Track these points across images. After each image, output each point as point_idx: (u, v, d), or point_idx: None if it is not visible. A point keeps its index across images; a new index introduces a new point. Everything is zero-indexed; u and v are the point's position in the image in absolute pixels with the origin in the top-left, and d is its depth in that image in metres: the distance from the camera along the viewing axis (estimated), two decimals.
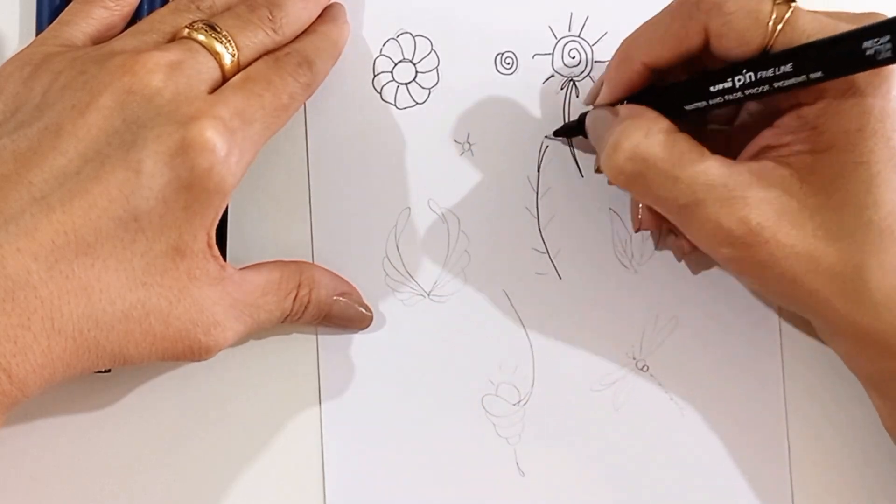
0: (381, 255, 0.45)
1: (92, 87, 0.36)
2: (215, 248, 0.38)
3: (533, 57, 0.46)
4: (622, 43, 0.41)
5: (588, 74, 0.46)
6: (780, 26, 0.35)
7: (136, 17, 0.42)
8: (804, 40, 0.35)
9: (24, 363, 0.34)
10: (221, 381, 0.44)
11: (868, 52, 0.32)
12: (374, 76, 0.45)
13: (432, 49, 0.46)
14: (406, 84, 0.45)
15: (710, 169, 0.36)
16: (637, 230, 0.44)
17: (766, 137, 0.38)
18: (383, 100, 0.45)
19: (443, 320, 0.45)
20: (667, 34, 0.38)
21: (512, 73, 0.46)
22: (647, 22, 0.40)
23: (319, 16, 0.43)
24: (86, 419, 0.44)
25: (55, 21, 0.40)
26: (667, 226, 0.43)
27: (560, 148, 0.46)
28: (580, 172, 0.45)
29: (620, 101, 0.41)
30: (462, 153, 0.45)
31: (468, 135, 0.45)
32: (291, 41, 0.41)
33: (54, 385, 0.35)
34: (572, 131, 0.44)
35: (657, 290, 0.46)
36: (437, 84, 0.46)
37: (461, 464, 0.45)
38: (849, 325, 0.37)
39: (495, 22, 0.46)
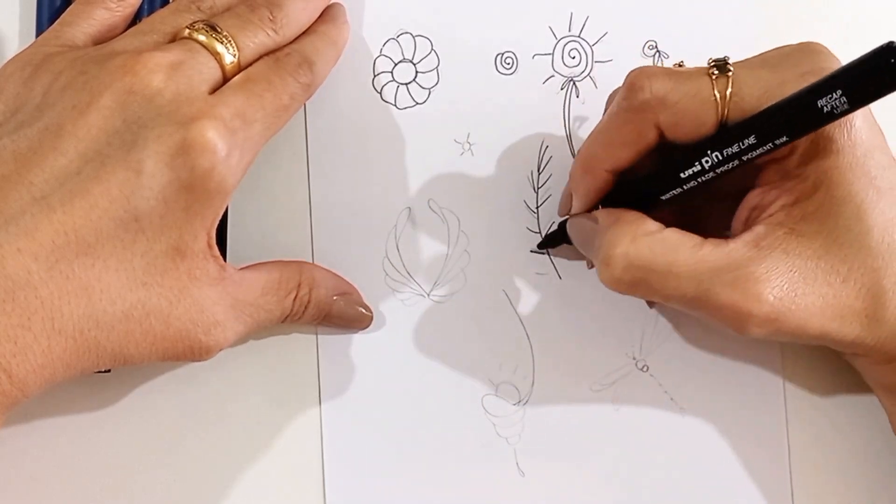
0: (381, 255, 0.45)
1: (92, 88, 0.36)
2: (215, 248, 0.38)
3: (533, 57, 0.46)
4: (578, 155, 0.41)
5: (588, 74, 0.46)
6: (727, 98, 0.36)
7: (136, 17, 0.42)
8: (755, 103, 0.35)
9: (24, 363, 0.34)
10: (221, 381, 0.44)
11: (825, 110, 0.32)
12: (374, 76, 0.45)
13: (432, 49, 0.46)
14: (406, 84, 0.45)
15: (708, 255, 0.36)
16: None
17: (752, 199, 0.38)
18: (383, 100, 0.45)
19: (443, 320, 0.45)
20: (621, 139, 0.38)
21: (512, 74, 0.46)
22: (596, 131, 0.40)
23: (319, 16, 0.43)
24: (86, 419, 0.44)
25: (56, 22, 0.40)
26: None
27: (560, 147, 0.46)
28: None
29: (594, 207, 0.41)
30: (462, 153, 0.45)
31: (468, 135, 0.45)
32: (292, 41, 0.41)
33: (54, 385, 0.35)
34: (555, 241, 0.44)
35: None
36: (437, 84, 0.46)
37: (461, 464, 0.45)
38: (872, 350, 0.38)
39: (495, 22, 0.46)
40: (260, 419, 0.44)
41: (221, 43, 0.38)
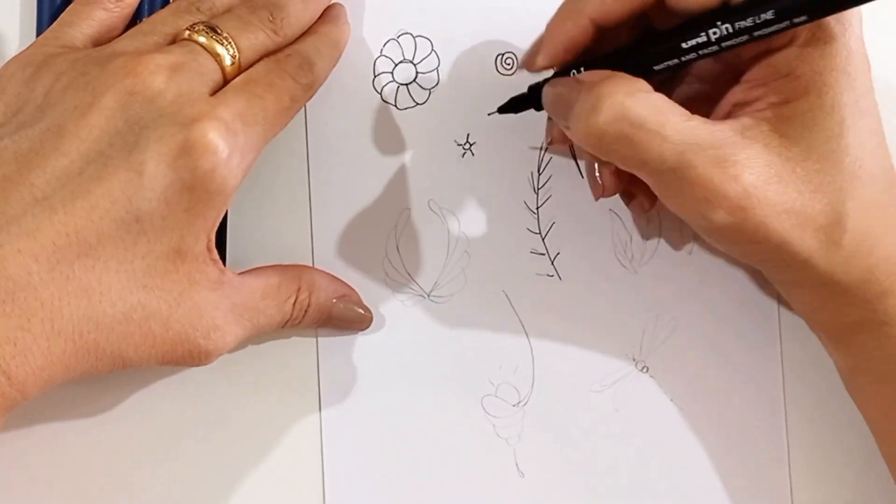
0: (381, 255, 0.45)
1: (94, 88, 0.36)
2: (215, 251, 0.38)
3: None
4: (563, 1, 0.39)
5: None
6: None
7: (135, 18, 0.42)
8: None
9: (23, 365, 0.34)
10: (222, 380, 0.44)
11: None
12: (375, 77, 0.45)
13: (433, 49, 0.45)
14: (406, 84, 0.45)
15: (697, 129, 0.35)
16: (598, 198, 0.42)
17: (735, 94, 0.38)
18: (384, 100, 0.45)
19: (443, 321, 0.45)
20: None
21: (512, 74, 0.46)
22: None
23: (320, 16, 0.43)
24: (86, 422, 0.44)
25: (55, 22, 0.40)
26: (629, 188, 0.42)
27: (560, 148, 0.45)
28: (581, 173, 0.45)
29: (562, 65, 0.39)
30: (462, 154, 0.45)
31: (468, 135, 0.45)
32: (292, 42, 0.41)
33: (53, 387, 0.35)
34: (521, 105, 0.42)
35: (657, 291, 0.46)
36: (437, 84, 0.45)
37: (461, 465, 0.45)
38: (822, 277, 0.37)
39: (496, 22, 0.46)
40: (260, 418, 0.44)
41: (221, 44, 0.38)
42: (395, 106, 0.45)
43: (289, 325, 0.42)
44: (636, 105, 0.35)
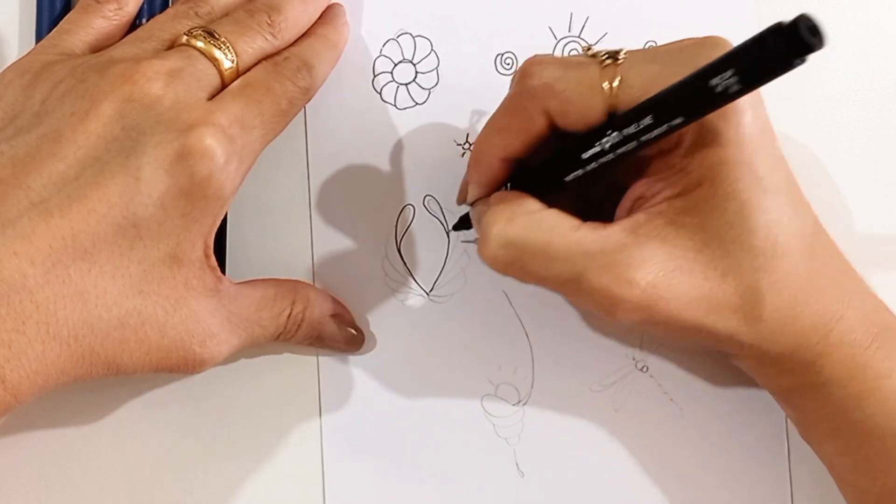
0: (381, 255, 0.45)
1: (92, 95, 0.36)
2: (213, 258, 0.38)
3: None
4: (475, 142, 0.40)
5: None
6: (615, 87, 0.35)
7: (134, 21, 0.42)
8: (642, 93, 0.35)
9: (17, 368, 0.34)
10: (223, 382, 0.44)
11: (718, 90, 0.32)
12: (374, 77, 0.45)
13: (432, 49, 0.45)
14: (406, 84, 0.45)
15: (584, 238, 0.36)
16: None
17: (637, 189, 0.38)
18: (383, 100, 0.45)
19: (443, 320, 0.45)
20: (512, 127, 0.38)
21: (512, 74, 0.45)
22: (491, 118, 0.40)
23: (319, 17, 0.43)
24: (84, 433, 0.44)
25: (54, 30, 0.41)
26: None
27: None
28: None
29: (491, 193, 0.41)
30: (462, 154, 0.45)
31: (468, 135, 0.45)
32: (290, 44, 0.41)
33: (48, 392, 0.35)
34: (467, 224, 0.44)
35: None
36: (437, 84, 0.46)
37: (461, 464, 0.45)
38: (750, 350, 0.38)
39: (495, 22, 0.46)
40: (261, 417, 0.45)
41: (219, 49, 0.38)
42: (395, 106, 0.45)
43: (282, 339, 0.42)
44: (516, 230, 0.37)
